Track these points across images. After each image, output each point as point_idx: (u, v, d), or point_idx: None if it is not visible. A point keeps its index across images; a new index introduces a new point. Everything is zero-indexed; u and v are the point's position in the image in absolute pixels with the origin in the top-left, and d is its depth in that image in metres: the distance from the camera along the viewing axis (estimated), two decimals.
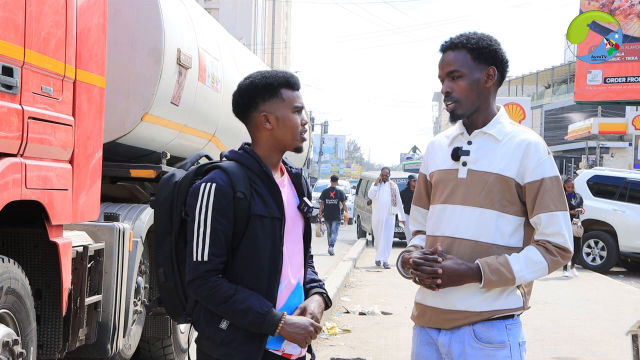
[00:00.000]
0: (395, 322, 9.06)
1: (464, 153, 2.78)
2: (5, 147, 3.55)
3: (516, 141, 2.75)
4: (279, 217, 2.62)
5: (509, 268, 2.66)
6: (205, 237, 2.55)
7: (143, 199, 6.13)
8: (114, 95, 5.17)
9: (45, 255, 4.16)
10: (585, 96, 25.16)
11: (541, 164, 2.72)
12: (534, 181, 2.71)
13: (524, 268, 2.68)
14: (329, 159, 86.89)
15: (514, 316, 2.76)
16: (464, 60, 2.76)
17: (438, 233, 2.81)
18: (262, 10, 70.05)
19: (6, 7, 3.49)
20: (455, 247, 2.75)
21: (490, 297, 2.71)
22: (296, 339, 2.59)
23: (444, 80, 2.81)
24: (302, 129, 2.69)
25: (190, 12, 6.42)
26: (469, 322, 2.72)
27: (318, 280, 2.82)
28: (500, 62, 2.80)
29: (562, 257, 2.73)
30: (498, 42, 2.82)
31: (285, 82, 2.67)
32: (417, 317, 2.89)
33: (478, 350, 2.71)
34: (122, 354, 5.38)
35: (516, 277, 2.67)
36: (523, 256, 2.70)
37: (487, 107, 2.81)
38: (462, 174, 2.77)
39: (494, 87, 2.82)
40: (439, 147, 2.91)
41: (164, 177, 2.75)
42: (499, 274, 2.65)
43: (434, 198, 2.86)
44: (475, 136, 2.80)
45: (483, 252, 2.71)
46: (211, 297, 2.55)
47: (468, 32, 2.82)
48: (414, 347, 2.91)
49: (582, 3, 23.81)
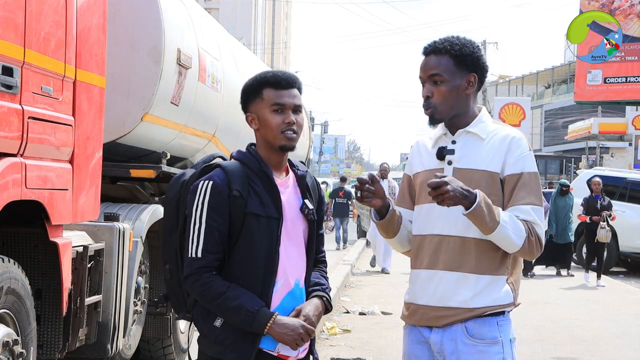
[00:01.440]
0: (395, 322, 9.05)
1: (449, 152, 2.82)
2: (5, 147, 3.55)
3: (500, 137, 2.80)
4: (277, 217, 2.63)
5: (498, 214, 2.67)
6: (199, 234, 2.57)
7: (143, 199, 6.13)
8: (114, 95, 5.16)
9: (45, 255, 4.16)
10: (585, 96, 25.19)
11: (522, 159, 2.77)
12: (513, 174, 2.75)
13: (508, 223, 2.68)
14: (329, 159, 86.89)
15: (504, 312, 2.78)
16: (447, 66, 2.79)
17: (426, 232, 2.83)
18: (262, 10, 70.07)
19: (6, 7, 3.49)
20: (444, 244, 2.77)
21: (481, 293, 2.73)
22: (285, 340, 2.58)
23: (425, 84, 2.83)
24: (286, 126, 2.64)
25: (190, 12, 6.42)
26: (461, 319, 2.74)
27: (322, 284, 2.79)
28: (480, 69, 2.84)
29: (536, 247, 2.74)
30: (480, 49, 2.88)
31: (267, 81, 2.67)
32: (408, 317, 2.90)
33: (471, 347, 2.73)
34: (122, 354, 5.38)
35: (500, 224, 2.65)
36: (511, 216, 2.71)
37: (467, 110, 2.85)
38: (448, 172, 2.79)
39: (473, 93, 2.86)
40: (424, 148, 2.95)
41: (175, 176, 2.81)
42: (489, 210, 2.64)
43: (420, 198, 2.88)
44: (459, 135, 2.83)
45: (472, 248, 2.74)
46: (204, 293, 2.57)
47: (452, 37, 2.85)
48: (405, 347, 2.92)
49: (582, 3, 23.83)
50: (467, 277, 2.73)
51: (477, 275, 2.74)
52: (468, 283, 2.73)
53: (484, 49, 38.21)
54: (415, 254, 2.89)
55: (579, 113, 39.92)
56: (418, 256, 2.87)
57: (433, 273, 2.79)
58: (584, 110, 39.07)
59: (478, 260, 2.74)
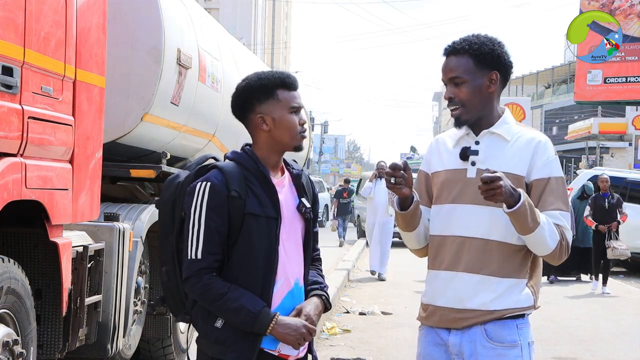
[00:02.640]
0: (395, 322, 9.06)
1: (473, 153, 2.77)
2: (5, 147, 3.55)
3: (525, 140, 2.75)
4: (275, 217, 2.63)
5: (539, 214, 2.63)
6: (199, 235, 2.57)
7: (143, 199, 6.13)
8: (114, 95, 5.16)
9: (45, 255, 4.16)
10: (585, 96, 25.20)
11: (549, 163, 2.73)
12: (541, 179, 2.71)
13: (546, 225, 2.65)
14: (329, 159, 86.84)
15: (524, 315, 2.76)
16: (466, 66, 2.75)
17: (447, 233, 2.79)
18: (262, 10, 70.06)
19: (6, 7, 3.49)
20: (466, 246, 2.73)
21: (502, 295, 2.70)
22: (287, 340, 2.58)
23: (447, 86, 2.80)
24: (301, 128, 2.69)
25: (190, 12, 6.42)
26: (481, 322, 2.71)
27: (320, 283, 2.80)
28: (503, 66, 2.79)
29: (566, 252, 2.71)
30: (502, 45, 2.80)
31: (281, 82, 2.68)
32: (426, 318, 2.85)
33: (490, 350, 2.70)
34: (122, 354, 5.38)
35: (540, 225, 2.61)
36: (548, 220, 2.67)
37: (492, 110, 2.81)
38: (471, 173, 2.75)
39: (497, 91, 2.81)
40: (443, 146, 2.89)
41: (169, 177, 2.79)
42: (531, 209, 2.59)
43: (440, 198, 2.83)
44: (483, 136, 2.79)
45: (494, 251, 2.71)
46: (204, 294, 2.56)
47: (471, 37, 2.80)
48: (420, 348, 2.88)
49: (582, 3, 23.83)
50: (489, 280, 2.70)
51: (498, 278, 2.70)
52: (489, 285, 2.70)
53: None
54: (434, 254, 2.85)
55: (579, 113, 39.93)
56: (437, 257, 2.82)
57: (453, 274, 2.75)
58: (584, 110, 39.07)
59: (500, 262, 2.71)
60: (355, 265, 15.01)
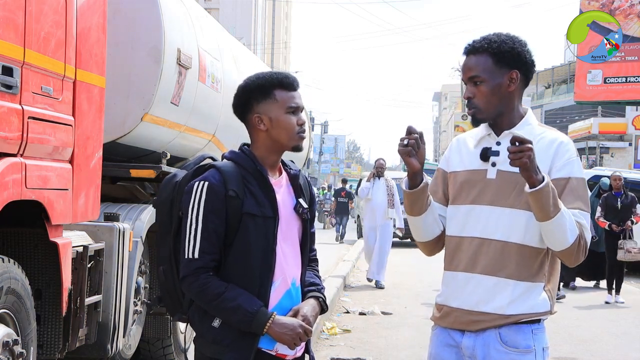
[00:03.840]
0: (395, 322, 9.06)
1: (494, 153, 2.73)
2: (5, 147, 3.55)
3: (547, 141, 2.72)
4: (272, 217, 2.63)
5: (561, 204, 2.57)
6: (196, 235, 2.56)
7: (143, 199, 6.13)
8: (114, 95, 5.16)
9: (45, 255, 4.16)
10: (585, 96, 25.19)
11: (570, 163, 2.69)
12: (561, 178, 2.67)
13: (568, 215, 2.58)
14: (329, 159, 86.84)
15: (540, 321, 2.72)
16: (485, 65, 2.71)
17: (465, 234, 2.76)
18: (262, 10, 70.06)
19: (6, 7, 3.49)
20: (484, 247, 2.70)
21: (518, 299, 2.67)
22: (284, 340, 2.58)
23: (467, 85, 2.77)
24: (300, 128, 2.68)
25: (190, 12, 6.42)
26: (496, 325, 2.68)
27: (317, 284, 2.81)
28: (523, 65, 2.75)
29: (583, 251, 2.64)
30: (523, 44, 2.76)
31: (279, 82, 2.68)
32: (440, 318, 2.83)
33: (503, 355, 2.67)
34: (122, 354, 5.38)
35: (561, 211, 2.54)
36: (570, 212, 2.60)
37: (512, 109, 2.77)
38: (491, 174, 2.72)
39: (517, 90, 2.77)
40: (464, 146, 2.86)
41: (167, 177, 2.79)
42: (554, 194, 2.53)
43: (459, 198, 2.80)
44: (504, 137, 2.74)
45: (513, 253, 2.67)
46: (201, 294, 2.56)
47: (491, 35, 2.76)
48: (432, 348, 2.86)
49: (582, 3, 23.83)
50: (506, 283, 2.66)
51: (515, 281, 2.67)
52: (506, 289, 2.66)
53: None
54: (451, 255, 2.82)
55: (579, 113, 39.93)
56: (454, 258, 2.79)
57: (470, 276, 2.72)
58: (584, 110, 39.07)
59: (518, 265, 2.67)
60: (355, 265, 15.02)
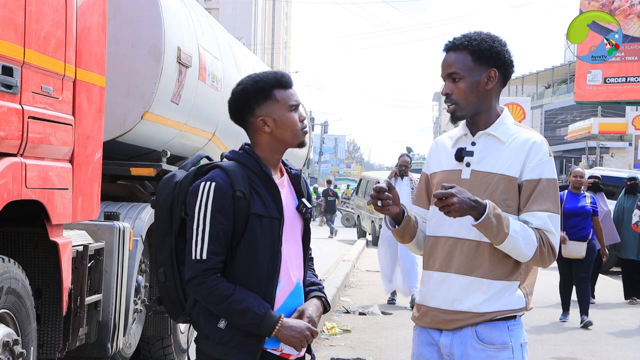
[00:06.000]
0: (395, 322, 9.06)
1: (468, 154, 2.76)
2: (5, 146, 3.54)
3: (520, 141, 2.74)
4: (278, 217, 2.62)
5: (508, 224, 2.62)
6: (204, 236, 2.55)
7: (143, 197, 6.12)
8: (114, 94, 5.16)
9: (45, 254, 4.16)
10: (585, 96, 25.19)
11: (541, 164, 2.71)
12: (531, 179, 2.70)
13: (519, 233, 2.63)
14: (329, 159, 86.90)
15: (516, 317, 2.74)
16: (464, 62, 2.74)
17: (440, 233, 2.79)
18: (262, 10, 70.05)
19: (6, 7, 3.49)
20: (458, 247, 2.73)
21: (493, 297, 2.69)
22: (292, 342, 2.58)
23: (445, 81, 2.80)
24: (302, 125, 2.69)
25: (190, 11, 6.42)
26: (472, 323, 2.71)
27: (318, 284, 2.81)
28: (502, 64, 2.77)
29: (548, 256, 2.70)
30: (502, 43, 2.78)
31: (277, 82, 2.67)
32: (419, 318, 2.87)
33: (480, 352, 2.70)
34: (122, 353, 5.38)
35: (509, 235, 2.61)
36: (522, 226, 2.66)
37: (489, 108, 2.79)
38: (466, 174, 2.75)
39: (495, 89, 2.79)
40: (443, 147, 2.89)
41: (165, 177, 2.75)
42: (498, 221, 2.59)
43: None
44: (479, 137, 2.78)
45: (486, 253, 2.70)
46: (209, 296, 2.55)
47: (472, 33, 2.79)
48: (414, 347, 2.90)
49: (582, 3, 23.82)
50: (480, 282, 2.69)
51: (490, 280, 2.69)
52: (480, 287, 2.69)
53: None
54: (428, 254, 2.85)
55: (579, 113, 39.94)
56: (431, 257, 2.83)
57: (446, 276, 2.75)
58: (584, 110, 39.07)
59: (492, 265, 2.70)
60: (355, 265, 15.02)
